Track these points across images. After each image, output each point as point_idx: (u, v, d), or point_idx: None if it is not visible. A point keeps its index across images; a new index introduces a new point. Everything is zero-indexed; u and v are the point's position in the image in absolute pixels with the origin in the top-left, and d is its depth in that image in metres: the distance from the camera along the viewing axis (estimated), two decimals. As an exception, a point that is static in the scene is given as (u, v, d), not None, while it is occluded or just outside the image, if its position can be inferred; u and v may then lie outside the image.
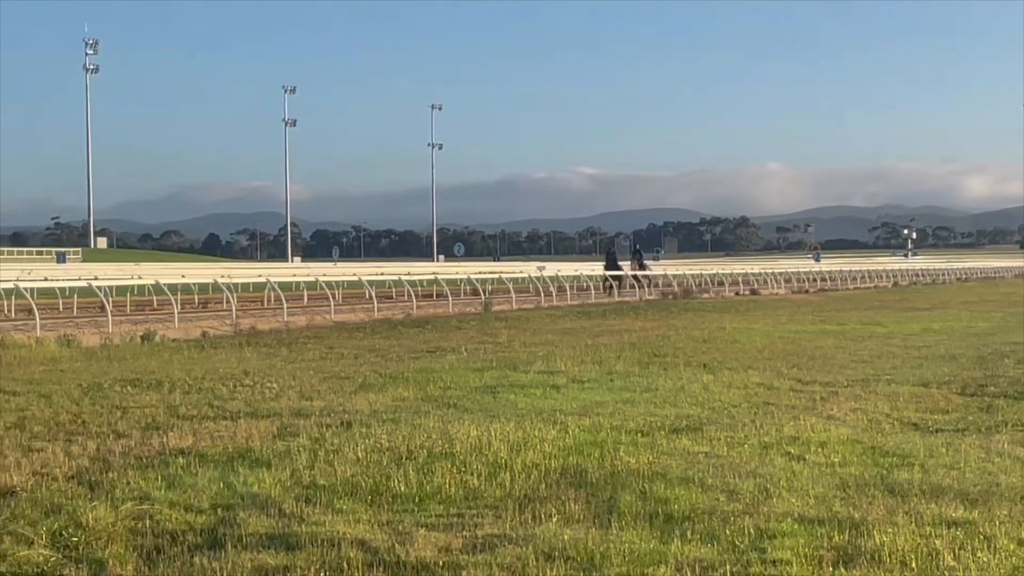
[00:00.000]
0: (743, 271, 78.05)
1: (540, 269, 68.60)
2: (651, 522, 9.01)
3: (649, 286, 63.92)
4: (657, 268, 77.85)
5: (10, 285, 39.58)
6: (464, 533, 8.71)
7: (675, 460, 11.53)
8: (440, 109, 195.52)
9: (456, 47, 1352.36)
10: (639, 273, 65.66)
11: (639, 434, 13.08)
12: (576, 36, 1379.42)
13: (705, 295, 61.66)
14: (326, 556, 8.04)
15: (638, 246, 78.78)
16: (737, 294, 64.51)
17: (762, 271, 77.97)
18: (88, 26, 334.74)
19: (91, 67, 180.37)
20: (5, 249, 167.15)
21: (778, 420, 14.22)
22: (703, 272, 75.72)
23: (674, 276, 69.57)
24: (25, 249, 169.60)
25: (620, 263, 68.84)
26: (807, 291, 69.86)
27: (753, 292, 66.29)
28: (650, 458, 11.57)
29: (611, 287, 61.23)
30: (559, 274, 62.55)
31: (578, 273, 67.06)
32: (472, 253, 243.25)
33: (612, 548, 8.20)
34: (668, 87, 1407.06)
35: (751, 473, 10.90)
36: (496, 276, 64.16)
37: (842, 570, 7.81)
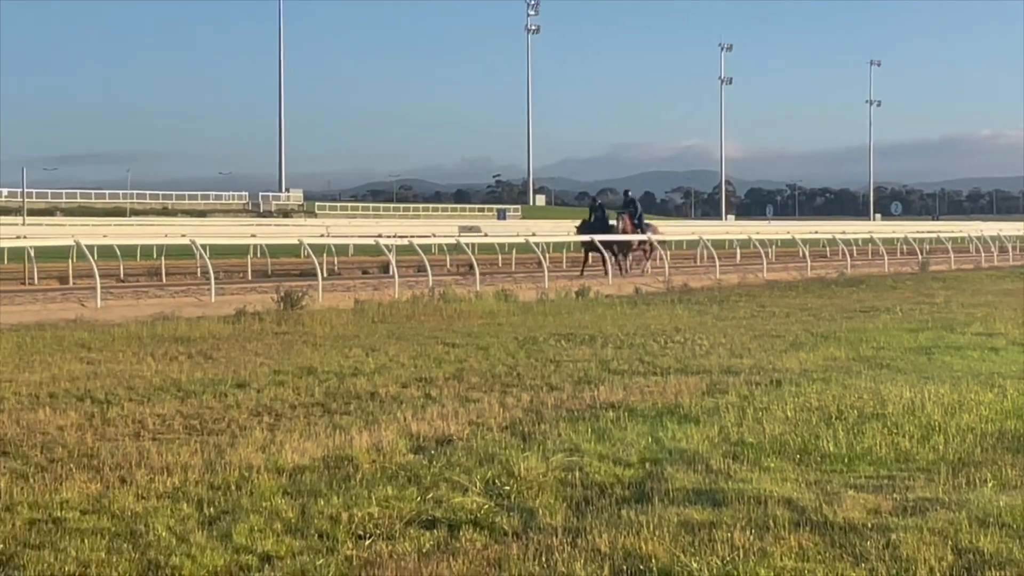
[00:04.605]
0: None
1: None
2: (1095, 492, 8.58)
3: (646, 258, 42.97)
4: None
5: (452, 240, 41.02)
6: (894, 496, 8.51)
7: (1123, 428, 10.95)
8: (879, 65, 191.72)
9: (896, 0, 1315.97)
10: (637, 237, 41.84)
11: (1084, 400, 12.48)
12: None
13: None
14: (752, 513, 8.00)
15: (630, 193, 45.16)
16: None
17: None
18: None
19: (532, 27, 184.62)
20: (449, 206, 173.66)
21: None
22: None
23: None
24: (468, 206, 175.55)
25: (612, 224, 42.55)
26: None
27: None
28: (1095, 425, 11.03)
29: (604, 260, 39.22)
30: (1001, 234, 60.32)
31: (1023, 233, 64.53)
32: (909, 212, 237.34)
33: (1051, 517, 7.86)
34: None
35: None
36: (934, 235, 62.62)
37: None
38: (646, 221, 44.51)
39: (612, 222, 42.29)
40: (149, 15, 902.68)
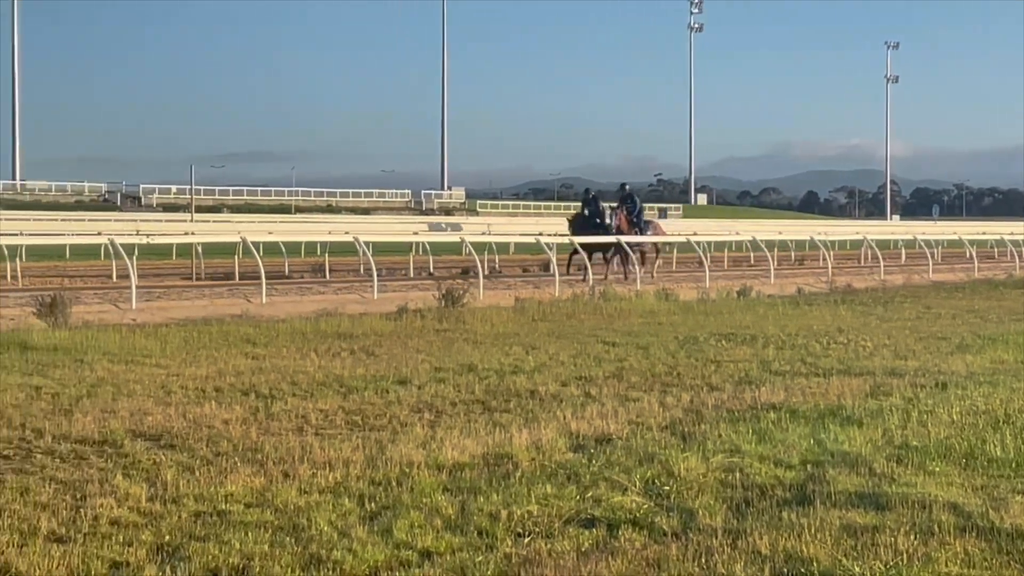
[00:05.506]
0: None
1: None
2: None
3: (644, 261, 37.34)
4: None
5: (611, 238, 40.89)
6: (1064, 503, 8.32)
7: None
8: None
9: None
10: (639, 239, 37.47)
11: None
12: None
13: None
14: (916, 518, 7.86)
15: (628, 188, 40.13)
16: None
17: None
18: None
19: (695, 26, 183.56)
20: (611, 204, 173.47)
21: None
22: None
23: None
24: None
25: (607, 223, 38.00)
26: None
27: None
28: None
29: (616, 263, 37.27)
30: None
31: None
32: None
33: None
34: None
35: None
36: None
37: None
38: (646, 219, 40.93)
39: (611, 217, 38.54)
40: (313, 14, 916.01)
